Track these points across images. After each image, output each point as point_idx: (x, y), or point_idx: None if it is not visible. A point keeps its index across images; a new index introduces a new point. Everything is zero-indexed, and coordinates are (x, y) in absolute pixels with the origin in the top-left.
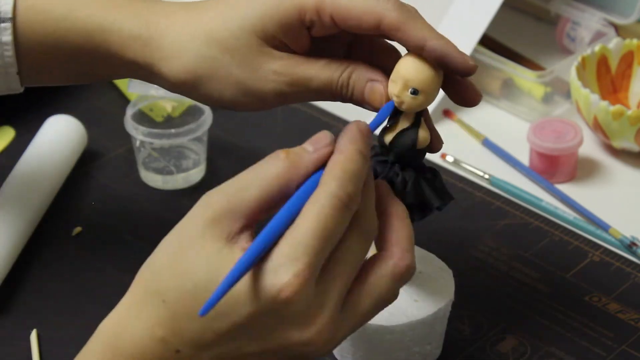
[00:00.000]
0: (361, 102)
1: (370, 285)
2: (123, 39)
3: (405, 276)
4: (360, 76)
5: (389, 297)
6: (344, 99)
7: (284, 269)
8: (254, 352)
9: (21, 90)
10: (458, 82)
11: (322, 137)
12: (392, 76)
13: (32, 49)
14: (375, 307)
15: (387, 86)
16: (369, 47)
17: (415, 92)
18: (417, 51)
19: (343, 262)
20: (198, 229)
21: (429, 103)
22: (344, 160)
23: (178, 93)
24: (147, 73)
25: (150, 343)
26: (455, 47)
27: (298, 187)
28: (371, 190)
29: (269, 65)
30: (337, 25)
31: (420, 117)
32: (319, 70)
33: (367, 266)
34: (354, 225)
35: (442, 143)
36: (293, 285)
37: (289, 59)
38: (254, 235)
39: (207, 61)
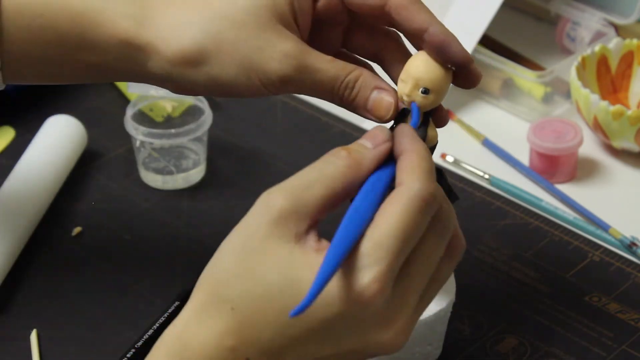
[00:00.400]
0: (360, 109)
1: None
2: (114, 18)
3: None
4: (368, 82)
5: (449, 274)
6: (342, 101)
7: (365, 271)
8: (330, 355)
9: (2, 87)
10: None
11: (379, 133)
12: (401, 76)
13: (17, 34)
14: (439, 287)
15: (395, 97)
16: (365, 33)
17: (426, 91)
18: (418, 34)
19: (421, 263)
20: (263, 230)
21: (440, 102)
22: (421, 159)
23: (175, 74)
24: (141, 54)
25: (219, 352)
26: (455, 37)
27: (360, 185)
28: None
29: (279, 45)
30: (343, 1)
31: (429, 116)
32: (328, 64)
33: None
34: (432, 225)
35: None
36: (374, 287)
37: (299, 44)
38: (319, 234)
39: (212, 36)
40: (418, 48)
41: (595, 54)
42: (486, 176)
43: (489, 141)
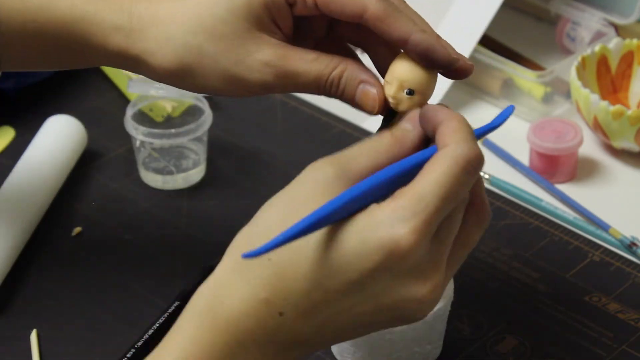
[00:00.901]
0: (350, 103)
1: (461, 235)
2: (104, 31)
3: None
4: (352, 76)
5: (476, 241)
6: (330, 96)
7: (402, 223)
8: (366, 311)
9: None
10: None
11: (416, 116)
12: (386, 77)
13: (10, 38)
14: (467, 253)
15: (380, 89)
16: (350, 24)
17: (410, 92)
18: (400, 45)
19: (456, 225)
20: (308, 191)
21: (426, 102)
22: (463, 124)
23: (165, 83)
24: (133, 64)
25: (252, 305)
26: (439, 40)
27: None
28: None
29: (257, 55)
30: (320, 9)
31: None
32: (308, 65)
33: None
34: (469, 208)
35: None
36: (411, 239)
37: (278, 48)
38: None
39: (192, 51)
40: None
41: (595, 54)
42: (486, 176)
43: (489, 141)
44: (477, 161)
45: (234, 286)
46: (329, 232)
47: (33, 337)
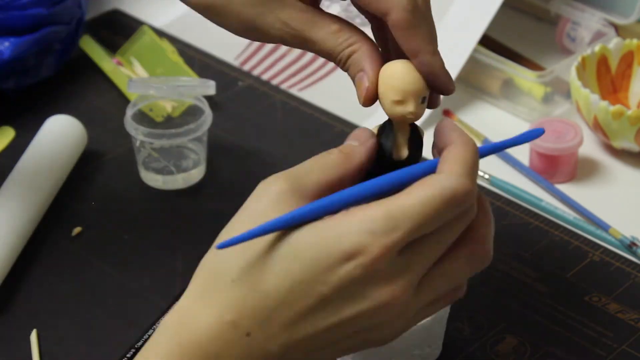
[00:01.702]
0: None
1: (444, 265)
2: None
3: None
4: (357, 61)
5: (462, 277)
6: (341, 69)
7: (369, 235)
8: (329, 325)
9: None
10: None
11: (362, 132)
12: (396, 98)
13: None
14: (448, 287)
15: (373, 85)
16: None
17: (424, 99)
18: (406, 55)
19: (429, 254)
20: (266, 206)
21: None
22: (469, 153)
23: (197, 11)
24: None
25: (219, 328)
26: (443, 66)
27: (353, 179)
28: (488, 215)
29: (279, 13)
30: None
31: (416, 124)
32: (324, 38)
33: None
34: (457, 220)
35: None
36: (374, 252)
37: (300, 12)
38: None
39: None
40: None
41: (595, 54)
42: (486, 176)
43: (489, 141)
44: (464, 198)
45: (200, 312)
46: (292, 243)
47: (33, 337)
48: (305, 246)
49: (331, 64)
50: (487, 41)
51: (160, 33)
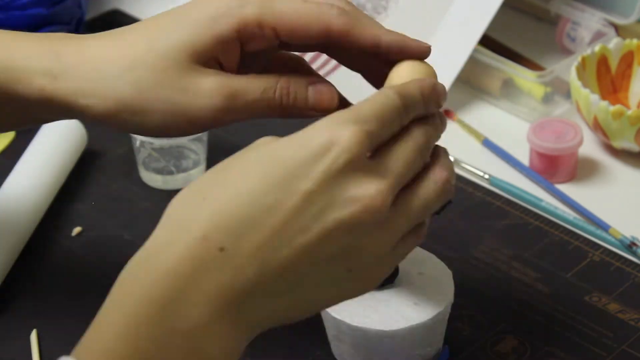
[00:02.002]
0: (304, 110)
1: (417, 186)
2: (31, 76)
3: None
4: (300, 82)
5: (431, 204)
6: (283, 109)
7: (342, 125)
8: (310, 241)
9: None
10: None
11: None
12: None
13: None
14: (420, 213)
15: (331, 86)
16: (282, 61)
17: None
18: (373, 50)
19: (400, 155)
20: (247, 162)
21: None
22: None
23: (101, 125)
24: (65, 110)
25: (188, 246)
26: (406, 36)
27: None
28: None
29: (202, 83)
30: (280, 37)
31: None
32: (254, 82)
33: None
34: (431, 168)
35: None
36: (351, 138)
37: (221, 75)
38: None
39: (131, 85)
40: (389, 63)
41: (595, 54)
42: (486, 176)
43: (489, 141)
44: (419, 90)
45: (166, 237)
46: (267, 150)
47: (33, 337)
48: (280, 147)
49: (332, 64)
50: (487, 41)
51: None
